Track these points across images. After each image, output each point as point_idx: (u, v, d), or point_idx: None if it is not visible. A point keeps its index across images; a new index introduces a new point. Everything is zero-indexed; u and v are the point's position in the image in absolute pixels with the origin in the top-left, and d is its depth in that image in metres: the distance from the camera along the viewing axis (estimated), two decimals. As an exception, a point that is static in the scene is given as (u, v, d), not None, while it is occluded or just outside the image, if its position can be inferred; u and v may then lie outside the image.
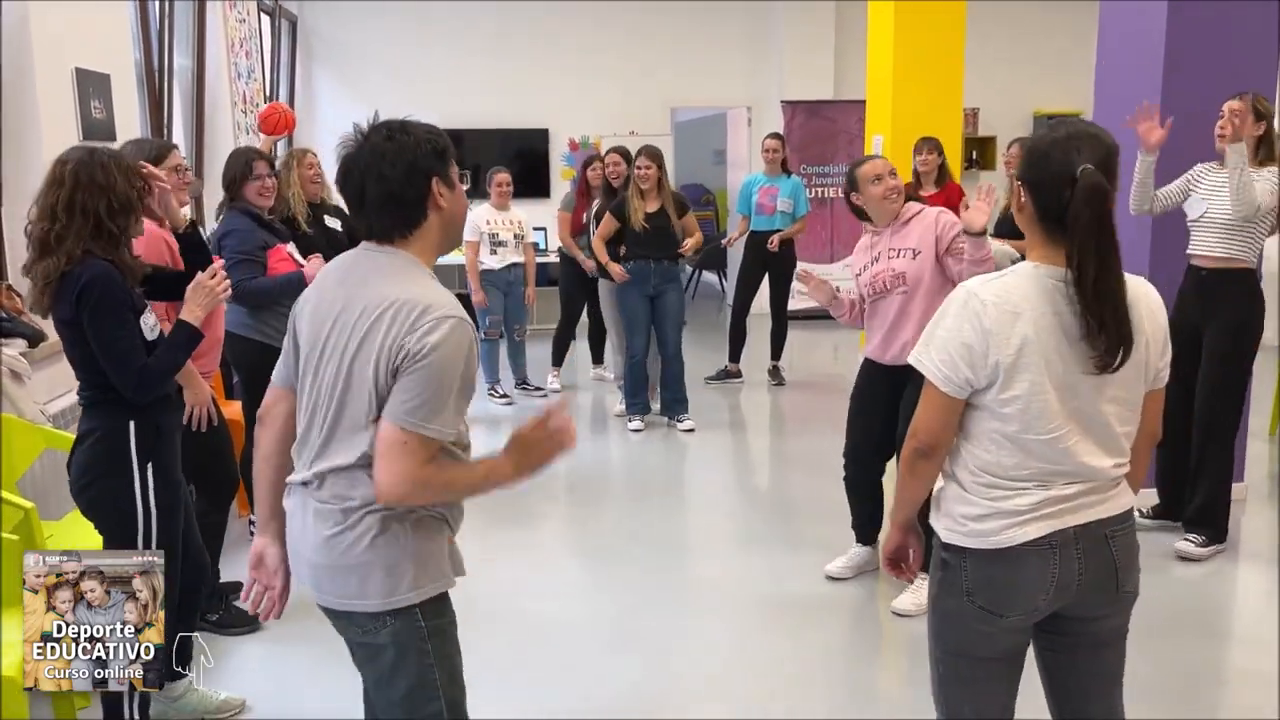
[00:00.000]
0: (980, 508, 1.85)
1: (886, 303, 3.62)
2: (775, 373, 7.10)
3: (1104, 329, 1.75)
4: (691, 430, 5.94)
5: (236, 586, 3.72)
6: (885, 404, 3.63)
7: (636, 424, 5.99)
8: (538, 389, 6.89)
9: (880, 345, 3.67)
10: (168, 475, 2.63)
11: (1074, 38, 9.35)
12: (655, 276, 5.81)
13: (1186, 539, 4.06)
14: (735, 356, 7.12)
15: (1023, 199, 1.86)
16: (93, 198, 2.45)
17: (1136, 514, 4.28)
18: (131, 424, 2.55)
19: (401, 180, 1.81)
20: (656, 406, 6.18)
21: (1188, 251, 4.06)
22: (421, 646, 1.88)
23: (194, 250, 2.92)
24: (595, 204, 6.39)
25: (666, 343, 5.90)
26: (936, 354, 1.84)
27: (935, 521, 1.94)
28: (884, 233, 3.66)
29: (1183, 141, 4.22)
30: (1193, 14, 4.26)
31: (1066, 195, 1.75)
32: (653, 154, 5.74)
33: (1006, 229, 5.89)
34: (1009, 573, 1.85)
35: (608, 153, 6.32)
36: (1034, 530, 1.82)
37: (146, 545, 2.55)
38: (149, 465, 2.57)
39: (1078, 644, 1.95)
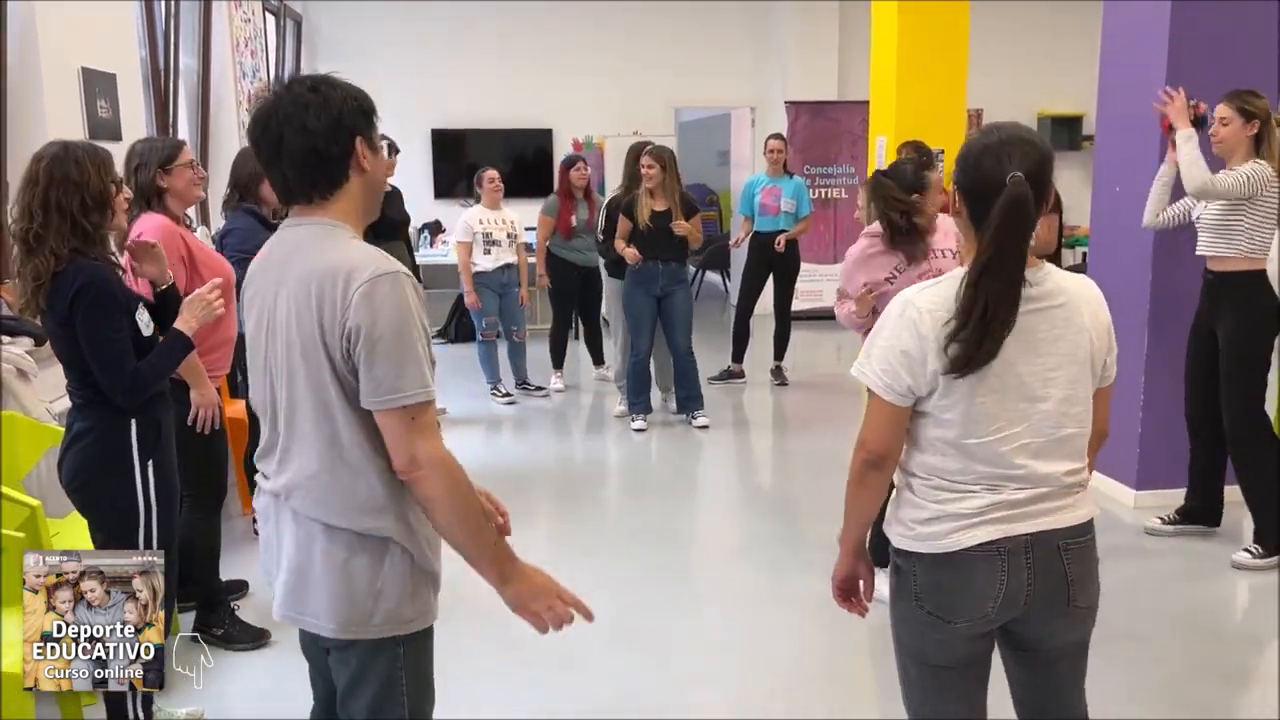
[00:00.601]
0: (928, 511, 1.84)
1: None
2: (778, 373, 7.11)
3: (960, 331, 1.73)
4: (706, 427, 5.98)
5: (239, 585, 3.75)
6: None
7: (639, 423, 6.00)
8: (539, 389, 6.89)
9: None
10: (167, 471, 2.64)
11: (1078, 39, 9.34)
12: (663, 277, 5.82)
13: (1246, 549, 3.99)
14: (738, 357, 7.13)
15: (958, 204, 1.85)
16: (67, 195, 2.41)
17: (1157, 521, 4.20)
18: (133, 422, 2.55)
19: (326, 134, 1.67)
20: (655, 405, 6.21)
21: (1196, 252, 4.04)
22: (394, 670, 1.78)
23: (166, 310, 2.74)
24: (607, 200, 6.37)
25: (677, 343, 5.92)
26: (878, 364, 1.84)
27: (887, 527, 1.94)
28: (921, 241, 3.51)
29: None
30: (1195, 13, 4.26)
31: (991, 196, 1.74)
32: (657, 154, 5.73)
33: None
34: (956, 578, 1.83)
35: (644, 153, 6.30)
36: (981, 534, 1.80)
37: (147, 543, 2.56)
38: (149, 462, 2.57)
39: (1034, 659, 1.94)
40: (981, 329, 1.73)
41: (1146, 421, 4.50)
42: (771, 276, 6.93)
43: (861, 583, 2.06)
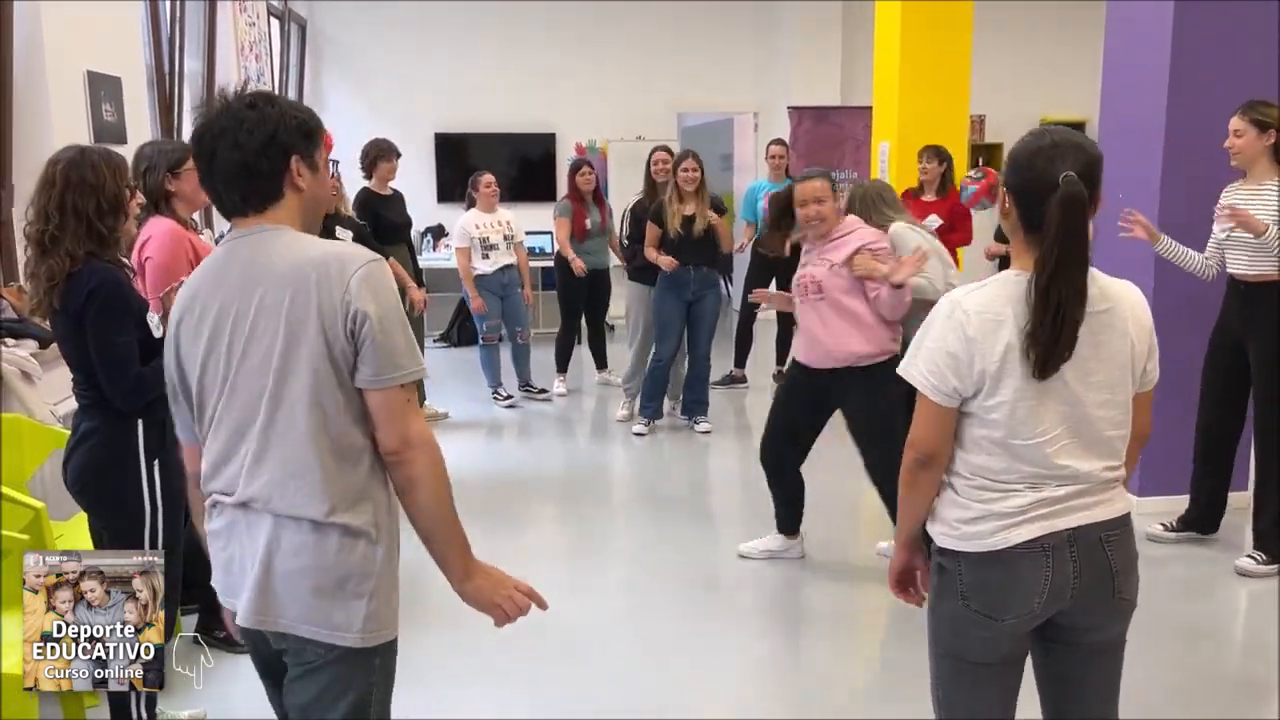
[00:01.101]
0: (973, 510, 1.87)
1: (805, 306, 3.85)
2: (781, 378, 7.10)
3: (1039, 332, 1.77)
4: (708, 432, 5.99)
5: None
6: (800, 401, 3.95)
7: (640, 427, 6.00)
8: (541, 391, 6.89)
9: (804, 348, 3.91)
10: (172, 472, 2.64)
11: (1080, 45, 9.36)
12: (695, 283, 5.84)
13: (1250, 555, 3.99)
14: (741, 362, 7.13)
15: (1007, 205, 1.87)
16: (83, 198, 2.44)
17: (1159, 527, 4.19)
18: (140, 422, 2.56)
19: (256, 151, 1.68)
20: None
21: (1229, 270, 3.97)
22: (370, 680, 1.75)
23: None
24: (631, 205, 6.36)
25: (699, 346, 5.94)
26: (924, 365, 1.86)
27: (930, 527, 1.96)
28: (816, 244, 3.85)
29: (1189, 148, 4.22)
30: (1198, 15, 4.24)
31: (1047, 196, 1.77)
32: (697, 156, 5.78)
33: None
34: (1003, 575, 1.86)
35: (655, 150, 6.31)
36: (1026, 532, 1.84)
37: (153, 543, 2.57)
38: (155, 463, 2.58)
39: (1074, 653, 1.96)
40: (1057, 329, 1.76)
41: (1153, 427, 4.49)
42: (774, 282, 6.93)
43: (918, 573, 2.10)
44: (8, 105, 3.89)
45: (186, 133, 6.38)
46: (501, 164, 8.79)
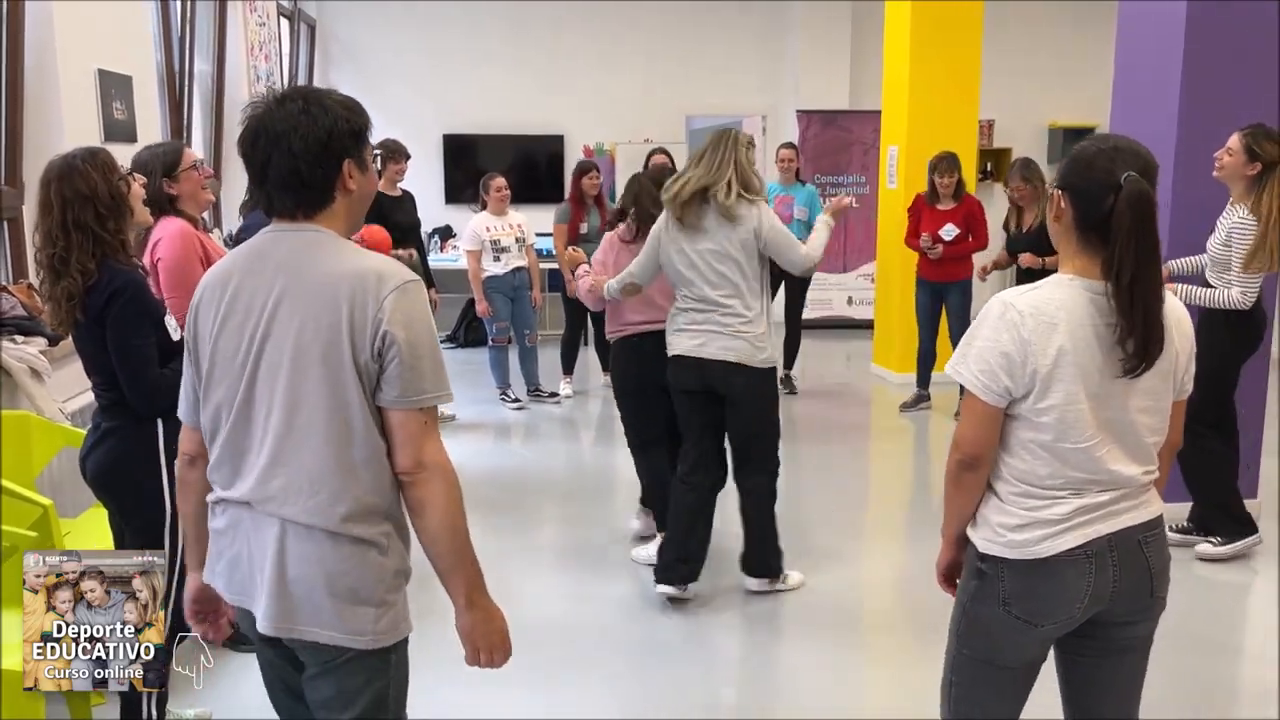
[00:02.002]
0: (1018, 518, 1.87)
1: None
2: (788, 381, 7.10)
3: (1134, 332, 1.78)
4: None
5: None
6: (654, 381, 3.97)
7: None
8: (551, 395, 6.89)
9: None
10: None
11: (1091, 50, 9.34)
12: None
13: (1207, 541, 4.18)
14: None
15: (1062, 206, 1.88)
16: (81, 210, 2.41)
17: (1169, 529, 4.19)
18: (160, 423, 2.56)
19: (312, 161, 1.68)
20: None
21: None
22: (386, 680, 1.78)
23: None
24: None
25: None
26: (975, 364, 1.86)
27: (973, 533, 1.96)
28: (637, 240, 4.03)
29: (1202, 152, 4.19)
30: (1212, 16, 4.21)
31: (1110, 202, 1.78)
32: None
33: (1023, 245, 5.89)
34: (1046, 582, 1.87)
35: (652, 153, 6.31)
36: (1070, 540, 1.85)
37: (173, 542, 2.57)
38: (175, 464, 2.58)
39: (1106, 650, 1.97)
40: (1148, 328, 1.78)
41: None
42: (783, 285, 6.92)
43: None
44: (19, 103, 3.90)
45: (196, 132, 6.40)
46: (509, 166, 8.79)
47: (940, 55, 7.16)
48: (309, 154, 1.68)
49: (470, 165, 9.50)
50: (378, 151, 5.60)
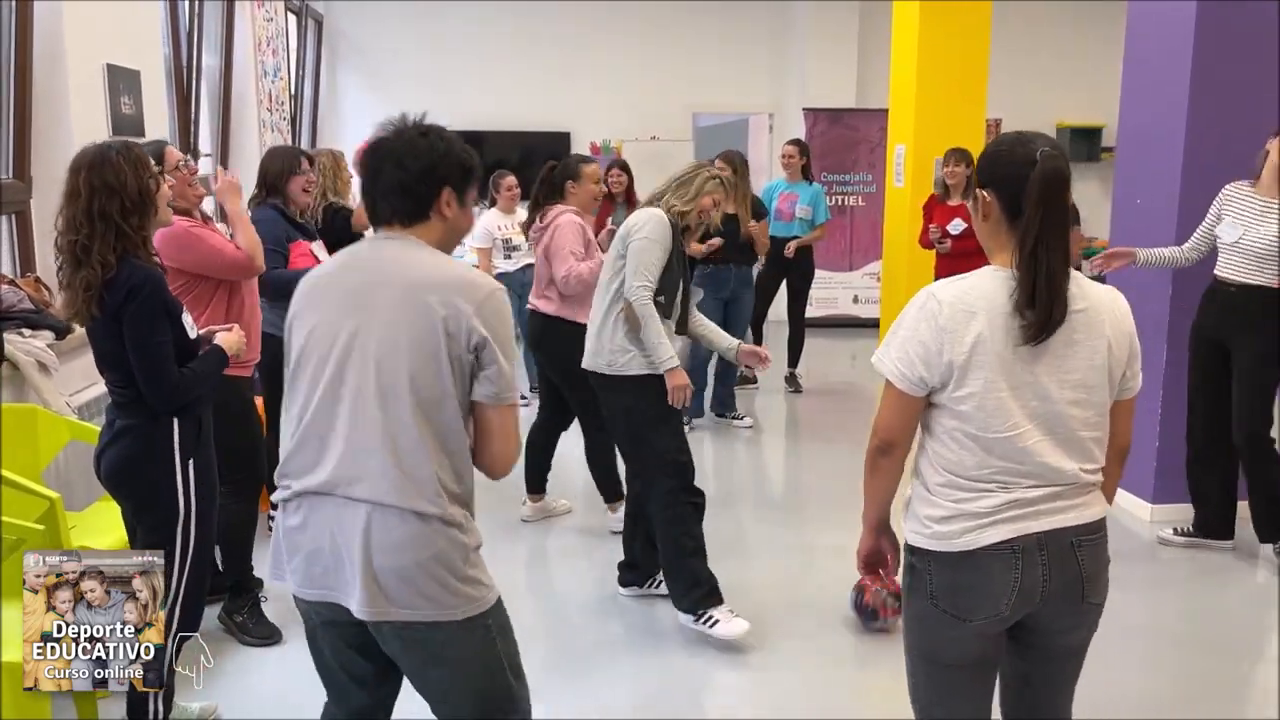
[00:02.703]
0: (944, 509, 1.87)
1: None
2: (792, 380, 7.10)
3: (1035, 299, 1.78)
4: (751, 427, 6.22)
5: (257, 583, 3.76)
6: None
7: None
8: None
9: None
10: (206, 470, 2.65)
11: (1098, 50, 9.31)
12: (734, 280, 5.97)
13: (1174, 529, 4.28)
14: (751, 363, 7.12)
15: (988, 201, 1.89)
16: (108, 201, 2.42)
17: (1171, 532, 4.19)
18: (176, 421, 2.56)
19: (416, 175, 1.88)
20: None
21: (1215, 271, 4.00)
22: (490, 640, 1.92)
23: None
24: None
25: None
26: (895, 353, 1.88)
27: (904, 525, 1.97)
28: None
29: (1211, 151, 4.18)
30: (1221, 15, 4.19)
31: (1026, 180, 1.80)
32: (728, 157, 5.82)
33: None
34: (972, 577, 1.85)
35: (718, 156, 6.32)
36: (996, 534, 1.83)
37: (185, 540, 2.57)
38: (190, 461, 2.58)
39: (1041, 655, 1.96)
40: (1050, 294, 1.78)
41: (1164, 435, 4.47)
42: (786, 283, 6.91)
43: (888, 556, 2.11)
44: (28, 97, 3.91)
45: (203, 127, 6.41)
46: (516, 162, 8.78)
47: (948, 54, 7.14)
48: (416, 170, 1.88)
49: (479, 185, 9.48)
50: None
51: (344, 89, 9.63)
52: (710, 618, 3.39)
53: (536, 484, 4.66)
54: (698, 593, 3.41)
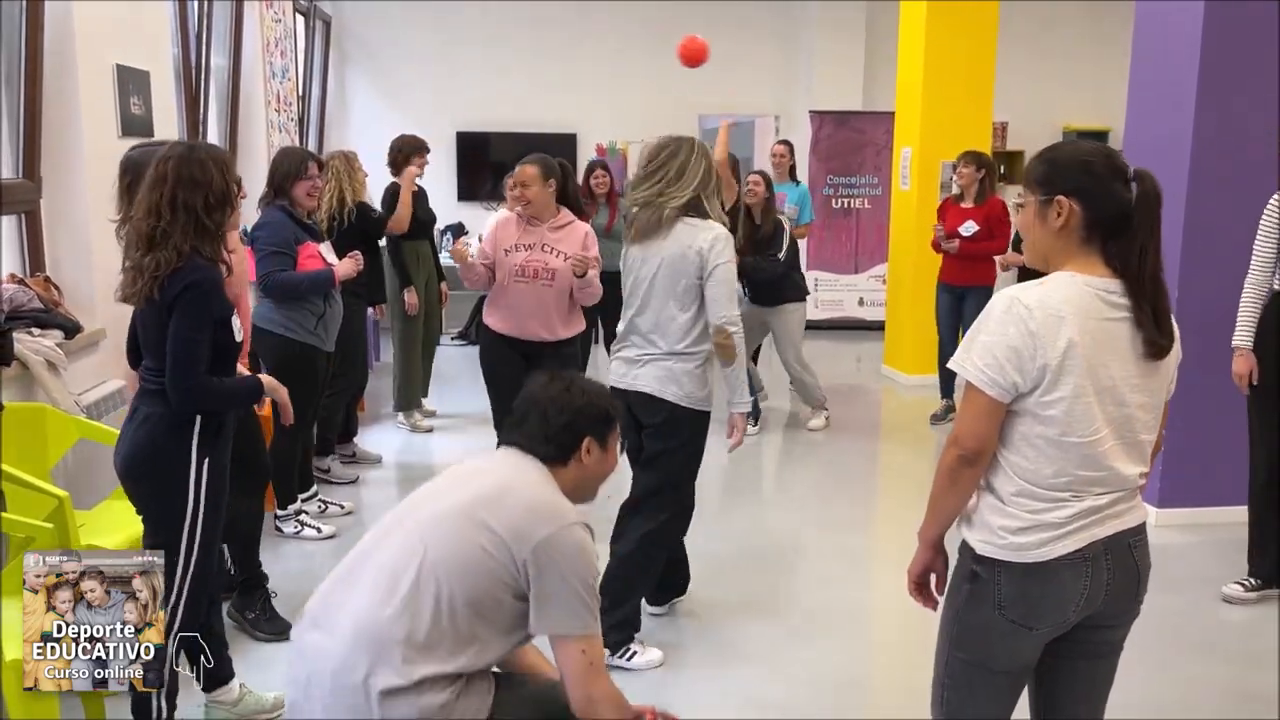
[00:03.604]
0: (1020, 520, 1.86)
1: (528, 288, 4.01)
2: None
3: (1152, 319, 1.82)
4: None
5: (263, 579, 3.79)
6: (518, 369, 3.96)
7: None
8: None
9: (513, 323, 4.08)
10: (219, 474, 2.66)
11: (1105, 53, 9.31)
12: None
13: (1238, 582, 3.85)
14: (754, 360, 7.11)
15: (1073, 210, 1.85)
16: (192, 194, 2.51)
17: (1238, 587, 3.85)
18: (198, 417, 2.58)
19: (559, 429, 2.08)
20: None
21: (1276, 287, 3.70)
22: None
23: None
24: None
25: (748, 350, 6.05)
26: (979, 359, 1.83)
27: (968, 534, 1.94)
28: (540, 227, 4.04)
29: (1218, 154, 4.17)
30: (1229, 16, 4.18)
31: (1126, 198, 1.82)
32: (765, 177, 5.99)
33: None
34: (1043, 586, 1.86)
35: (750, 174, 6.35)
36: (1071, 543, 1.85)
37: (190, 539, 2.57)
38: (205, 461, 2.59)
39: (1082, 653, 1.98)
40: (1167, 319, 1.85)
41: (1170, 439, 4.44)
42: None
43: (934, 576, 2.06)
44: (38, 97, 3.93)
45: (211, 128, 6.43)
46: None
47: (955, 56, 7.14)
48: (559, 423, 2.09)
49: (483, 163, 9.52)
50: (416, 140, 5.80)
51: (352, 90, 9.66)
52: (630, 652, 3.34)
53: None
54: (624, 634, 3.34)
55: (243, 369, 2.95)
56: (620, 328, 3.39)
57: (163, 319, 2.52)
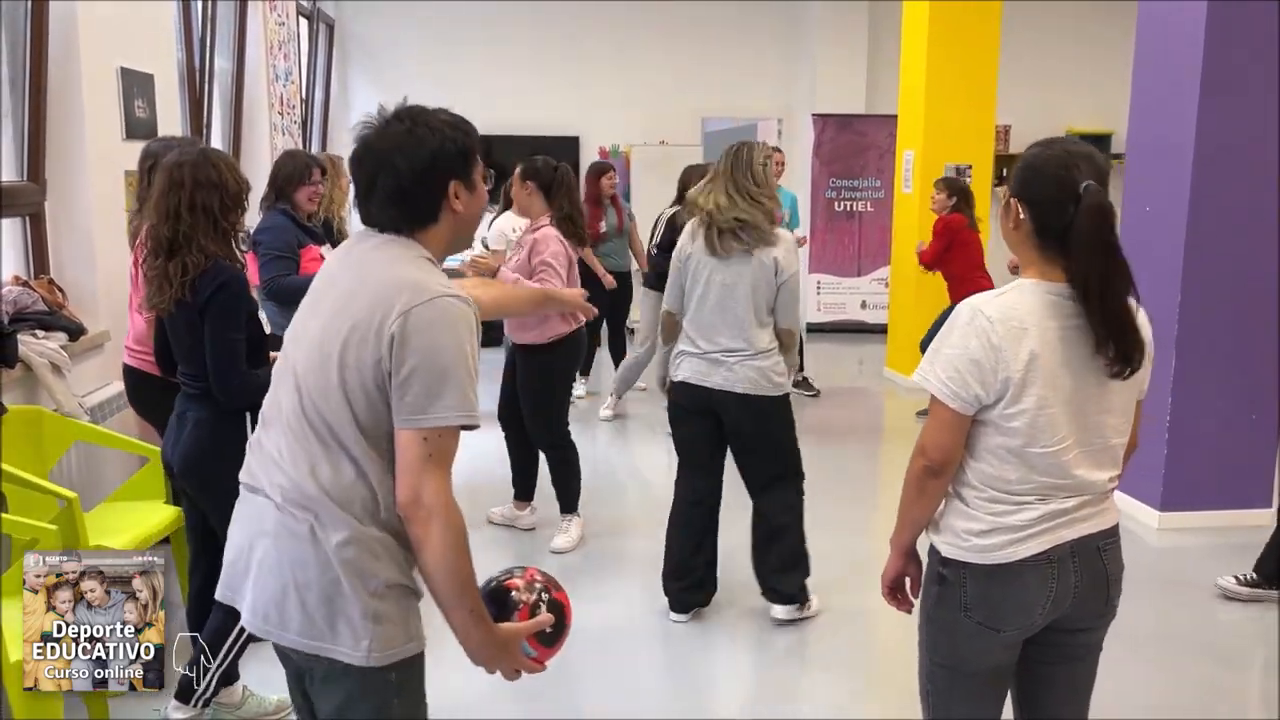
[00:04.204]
0: (983, 523, 1.86)
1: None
2: (805, 384, 7.06)
3: (1113, 340, 1.78)
4: None
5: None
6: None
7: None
8: (577, 397, 6.89)
9: (519, 330, 4.40)
10: None
11: (1108, 55, 9.30)
12: None
13: (1234, 576, 3.86)
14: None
15: (1020, 216, 1.85)
16: (209, 196, 2.57)
17: (1232, 580, 3.85)
18: (248, 414, 2.64)
19: (415, 179, 1.67)
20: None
21: None
22: (385, 695, 1.66)
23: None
24: (671, 213, 6.32)
25: None
26: (943, 371, 1.84)
27: (934, 538, 1.95)
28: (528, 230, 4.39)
29: (1221, 157, 4.16)
30: (1232, 17, 4.19)
31: (1070, 211, 1.76)
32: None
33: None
34: (1008, 588, 1.86)
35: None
36: (1035, 545, 1.84)
37: None
38: None
39: (1059, 656, 1.98)
40: (1123, 334, 1.79)
41: (1173, 443, 4.46)
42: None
43: (908, 580, 2.08)
44: (43, 100, 3.94)
45: (215, 131, 6.44)
46: (525, 166, 8.81)
47: (957, 59, 7.14)
48: (414, 173, 1.67)
49: (486, 165, 9.50)
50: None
51: (355, 92, 9.67)
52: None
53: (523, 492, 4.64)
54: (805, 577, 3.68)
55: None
56: (691, 329, 3.59)
57: (194, 321, 2.58)
